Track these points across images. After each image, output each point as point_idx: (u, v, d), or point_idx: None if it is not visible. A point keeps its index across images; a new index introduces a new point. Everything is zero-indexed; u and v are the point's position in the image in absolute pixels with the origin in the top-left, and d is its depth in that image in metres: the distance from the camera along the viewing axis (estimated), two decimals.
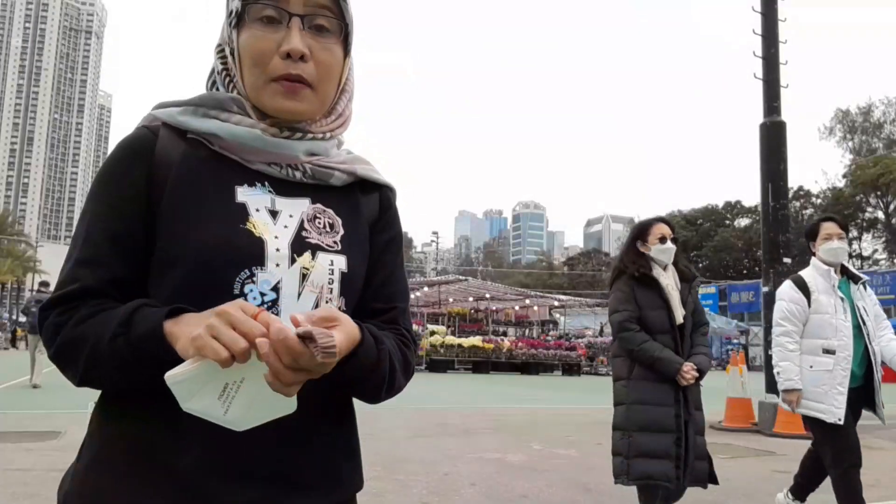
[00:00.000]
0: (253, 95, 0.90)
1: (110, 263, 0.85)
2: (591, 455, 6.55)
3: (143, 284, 0.87)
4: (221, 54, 0.94)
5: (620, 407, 3.35)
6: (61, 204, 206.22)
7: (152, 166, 0.88)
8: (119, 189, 0.88)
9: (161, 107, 0.94)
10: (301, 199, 0.92)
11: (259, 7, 0.87)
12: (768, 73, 10.03)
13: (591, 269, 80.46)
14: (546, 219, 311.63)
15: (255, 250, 0.85)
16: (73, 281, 0.84)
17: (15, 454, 5.59)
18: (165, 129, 0.91)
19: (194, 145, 0.90)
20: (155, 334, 0.76)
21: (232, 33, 0.91)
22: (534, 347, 24.00)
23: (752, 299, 43.21)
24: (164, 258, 0.85)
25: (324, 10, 0.89)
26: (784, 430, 8.41)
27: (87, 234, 0.87)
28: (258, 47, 0.87)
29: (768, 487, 5.35)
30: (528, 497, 4.73)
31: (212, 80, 0.96)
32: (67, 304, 0.83)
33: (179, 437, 0.81)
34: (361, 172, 0.99)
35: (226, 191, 0.88)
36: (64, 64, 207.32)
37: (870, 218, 53.47)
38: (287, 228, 0.89)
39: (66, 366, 0.84)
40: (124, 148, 0.90)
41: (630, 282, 3.32)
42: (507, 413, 10.52)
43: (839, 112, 57.20)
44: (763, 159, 9.94)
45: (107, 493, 0.83)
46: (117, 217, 0.87)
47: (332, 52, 0.91)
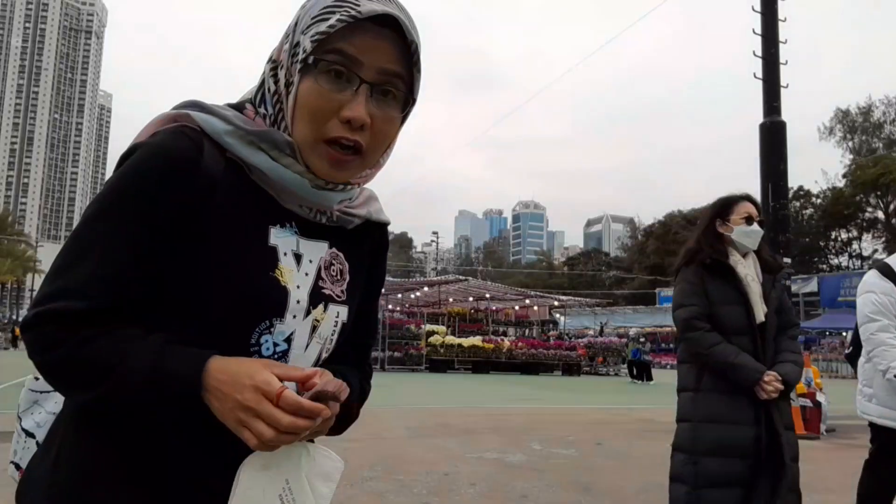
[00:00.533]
0: (302, 146, 0.85)
1: (128, 288, 0.78)
2: (591, 455, 6.55)
3: (146, 314, 0.80)
4: (275, 75, 0.87)
5: (685, 424, 2.76)
6: (61, 204, 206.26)
7: (195, 186, 0.80)
8: (154, 204, 0.79)
9: (202, 110, 0.85)
10: (321, 243, 0.91)
11: (330, 61, 0.82)
12: (768, 73, 10.03)
13: (591, 269, 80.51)
14: (546, 219, 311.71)
15: (279, 301, 0.84)
16: (82, 296, 0.76)
17: None
18: (206, 140, 0.83)
19: (234, 169, 0.84)
20: (189, 386, 0.75)
21: (294, 70, 0.84)
22: (534, 347, 23.99)
23: None
24: (185, 287, 0.80)
25: (395, 78, 0.84)
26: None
27: (108, 247, 0.78)
28: (320, 104, 0.82)
29: None
30: (528, 497, 4.73)
31: (260, 93, 0.89)
32: (66, 321, 0.76)
33: (166, 451, 0.81)
34: (375, 217, 0.99)
35: (261, 230, 0.85)
36: (64, 64, 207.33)
37: (870, 218, 53.48)
38: (307, 276, 0.88)
39: (58, 381, 0.80)
40: (167, 160, 0.80)
41: (700, 271, 2.75)
42: (507, 413, 10.53)
43: (839, 112, 57.22)
44: (763, 159, 9.95)
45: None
46: (146, 238, 0.79)
47: (392, 122, 0.87)
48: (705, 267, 2.74)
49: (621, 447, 7.14)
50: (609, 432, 8.41)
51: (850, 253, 55.97)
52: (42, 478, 0.84)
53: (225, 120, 0.85)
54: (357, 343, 1.00)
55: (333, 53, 0.81)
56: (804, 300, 41.56)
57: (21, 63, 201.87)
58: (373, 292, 1.04)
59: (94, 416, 0.81)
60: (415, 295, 30.26)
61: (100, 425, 0.81)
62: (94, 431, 0.81)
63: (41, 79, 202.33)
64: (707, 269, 2.74)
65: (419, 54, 0.86)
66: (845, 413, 11.51)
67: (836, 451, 7.53)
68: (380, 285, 1.06)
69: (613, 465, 6.11)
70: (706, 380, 2.69)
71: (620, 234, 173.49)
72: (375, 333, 1.06)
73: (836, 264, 55.64)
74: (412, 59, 0.85)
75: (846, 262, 55.42)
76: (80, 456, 0.81)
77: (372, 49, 0.82)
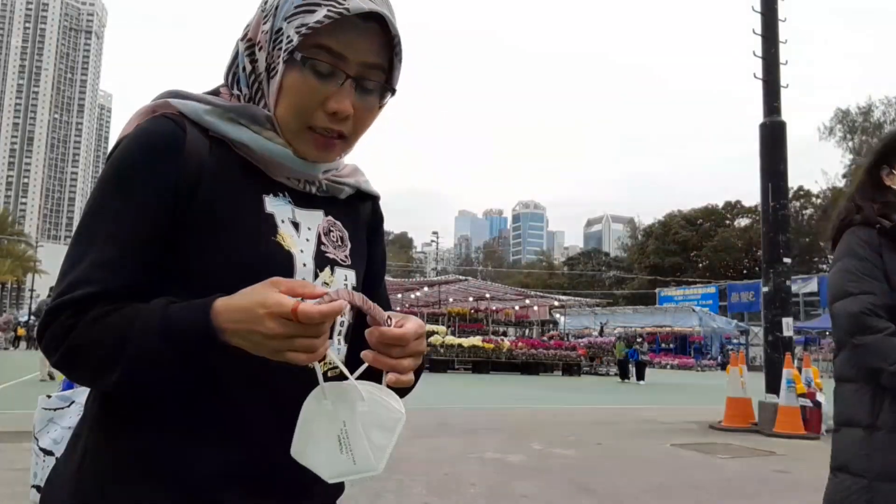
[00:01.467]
0: (285, 132, 0.88)
1: (133, 268, 0.80)
2: (591, 455, 6.55)
3: (156, 286, 0.81)
4: (251, 54, 0.89)
5: (852, 480, 1.81)
6: (61, 204, 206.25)
7: (182, 165, 0.82)
8: (146, 187, 0.81)
9: (179, 97, 0.88)
10: (316, 212, 0.93)
11: (316, 57, 0.84)
12: (768, 73, 10.03)
13: (591, 269, 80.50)
14: (546, 219, 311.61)
15: (285, 265, 0.85)
16: (89, 283, 0.77)
17: (15, 454, 5.59)
18: (189, 123, 0.85)
19: (219, 146, 0.87)
20: (202, 331, 0.73)
21: (276, 58, 0.86)
22: (534, 347, 23.97)
23: (752, 299, 43.23)
24: (193, 265, 0.82)
25: (376, 69, 0.87)
26: (784, 430, 8.42)
27: (108, 233, 0.80)
28: (307, 98, 0.85)
29: (768, 487, 5.36)
30: (528, 497, 4.73)
31: (232, 71, 0.92)
32: (80, 305, 0.77)
33: (194, 449, 0.80)
34: (364, 187, 1.01)
35: (255, 200, 0.87)
36: (64, 64, 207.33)
37: None
38: (309, 242, 0.90)
39: (78, 368, 0.79)
40: (151, 140, 0.83)
41: (874, 239, 1.84)
42: (507, 413, 10.53)
43: (839, 112, 57.23)
44: (763, 159, 9.95)
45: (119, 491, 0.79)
46: (144, 218, 0.81)
47: (373, 109, 0.90)
48: (885, 234, 1.82)
49: (621, 447, 7.14)
50: (609, 432, 8.41)
51: None
52: (65, 484, 0.83)
53: (203, 101, 0.87)
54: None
55: (320, 49, 0.84)
56: (804, 300, 41.59)
57: (21, 63, 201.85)
58: (378, 272, 1.05)
59: (118, 415, 0.82)
60: (415, 295, 30.25)
61: (124, 425, 0.81)
62: (119, 432, 0.81)
63: (41, 79, 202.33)
64: (887, 236, 1.82)
65: (399, 49, 0.88)
66: None
67: None
68: (383, 264, 1.08)
69: (613, 465, 6.11)
70: (889, 411, 1.76)
71: (620, 234, 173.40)
72: (388, 306, 1.04)
73: None
74: (394, 50, 0.88)
75: None
76: (106, 457, 0.81)
77: (357, 45, 0.85)
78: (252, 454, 0.81)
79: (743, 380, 9.50)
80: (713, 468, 6.15)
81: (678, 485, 5.34)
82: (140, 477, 0.79)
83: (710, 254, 62.03)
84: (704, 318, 38.88)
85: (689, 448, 7.20)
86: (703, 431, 8.81)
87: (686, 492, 5.10)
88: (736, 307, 46.14)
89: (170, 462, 0.80)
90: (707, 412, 10.58)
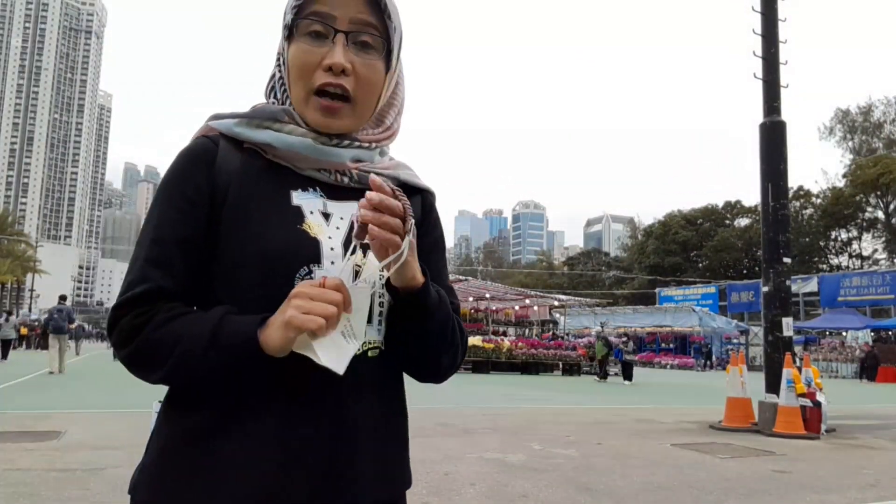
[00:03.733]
0: (298, 107, 0.96)
1: (179, 264, 0.91)
2: (591, 455, 6.55)
3: (203, 284, 0.92)
4: (278, 63, 1.00)
5: None
6: (61, 204, 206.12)
7: (215, 174, 0.94)
8: (185, 194, 0.92)
9: (217, 118, 0.99)
10: (349, 203, 0.97)
11: (308, 22, 0.93)
12: (768, 73, 10.03)
13: (591, 269, 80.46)
14: (546, 219, 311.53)
15: (311, 249, 0.91)
16: (144, 280, 0.88)
17: (15, 454, 5.59)
18: (224, 139, 0.97)
19: (251, 154, 0.96)
20: (249, 345, 0.83)
21: (284, 45, 0.97)
22: (534, 347, 23.97)
23: (752, 299, 43.22)
24: (228, 259, 0.91)
25: (368, 27, 0.94)
26: (784, 430, 8.42)
27: (155, 236, 0.91)
28: (303, 59, 0.93)
29: (768, 487, 5.36)
30: (528, 497, 4.73)
31: (270, 85, 1.02)
32: (142, 305, 0.87)
33: (240, 431, 0.87)
34: (404, 177, 1.05)
35: (282, 196, 0.94)
36: (64, 64, 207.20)
37: (870, 218, 53.48)
38: (339, 230, 0.95)
39: (144, 367, 0.88)
40: (188, 155, 0.95)
41: None
42: (507, 413, 10.52)
43: (839, 112, 57.25)
44: (763, 159, 9.95)
45: (170, 485, 0.88)
46: (184, 221, 0.92)
47: (374, 67, 0.95)
48: None
49: (621, 447, 7.14)
50: (609, 432, 8.41)
51: (850, 253, 55.96)
52: (140, 465, 0.94)
53: (233, 116, 0.98)
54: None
55: (309, 13, 0.93)
56: (804, 300, 41.59)
57: (21, 63, 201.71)
58: (435, 256, 1.07)
59: (173, 404, 0.93)
60: None
61: (179, 414, 0.91)
62: (174, 420, 0.91)
63: (41, 79, 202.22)
64: None
65: (387, 3, 0.95)
66: (845, 413, 11.51)
67: (836, 451, 7.53)
68: (440, 249, 1.10)
69: (613, 465, 6.11)
70: None
71: (620, 234, 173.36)
72: (453, 295, 1.06)
73: (836, 264, 55.63)
74: (381, 8, 0.95)
75: (846, 261, 55.41)
76: (161, 441, 0.91)
77: (343, 3, 0.93)
78: (291, 436, 0.87)
79: (743, 380, 9.50)
80: (713, 468, 6.14)
81: (678, 485, 5.34)
82: (187, 457, 0.88)
83: (710, 254, 62.00)
84: (704, 318, 38.86)
85: (689, 448, 7.20)
86: (703, 431, 8.81)
87: (686, 492, 5.10)
88: (736, 307, 46.12)
89: (215, 443, 0.87)
90: (707, 412, 10.58)
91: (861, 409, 13.40)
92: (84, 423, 7.59)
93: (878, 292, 38.46)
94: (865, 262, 52.85)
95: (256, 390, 0.87)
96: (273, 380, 0.86)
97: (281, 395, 0.87)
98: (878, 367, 28.23)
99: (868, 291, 38.88)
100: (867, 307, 38.82)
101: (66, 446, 6.06)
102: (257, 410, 0.87)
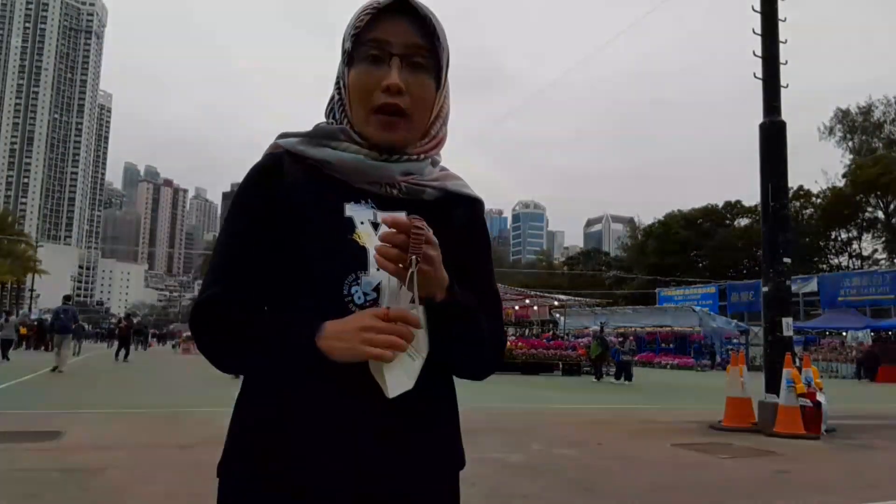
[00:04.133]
0: (359, 126, 1.06)
1: (248, 267, 1.03)
2: (591, 455, 6.55)
3: (271, 285, 1.03)
4: (338, 86, 1.11)
5: None
6: (61, 204, 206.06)
7: (279, 186, 1.05)
8: (252, 205, 1.05)
9: (283, 137, 1.11)
10: (398, 213, 1.04)
11: (366, 48, 1.04)
12: (768, 73, 10.03)
13: (591, 269, 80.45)
14: (546, 219, 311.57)
15: (359, 257, 1.01)
16: (218, 282, 1.02)
17: (15, 454, 5.59)
18: (288, 156, 1.08)
19: (311, 170, 1.07)
20: (309, 351, 0.93)
21: (344, 70, 1.08)
22: (534, 347, 23.97)
23: (752, 299, 43.18)
24: (287, 263, 1.02)
25: (420, 50, 1.05)
26: (784, 430, 8.42)
27: (228, 243, 1.04)
28: (364, 81, 1.04)
29: (768, 487, 5.36)
30: (528, 497, 4.73)
31: (330, 107, 1.13)
32: (216, 304, 1.00)
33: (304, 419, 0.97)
34: (451, 188, 1.14)
35: (336, 208, 1.05)
36: (64, 64, 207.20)
37: (870, 218, 53.45)
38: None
39: (217, 357, 1.01)
40: (258, 171, 1.08)
41: None
42: (507, 413, 10.53)
43: (839, 112, 57.20)
44: (763, 159, 9.94)
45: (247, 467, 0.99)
46: (252, 229, 1.04)
47: (426, 86, 1.06)
48: None
49: (621, 447, 7.14)
50: (609, 432, 8.41)
51: (850, 253, 55.93)
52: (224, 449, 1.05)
53: (298, 136, 1.10)
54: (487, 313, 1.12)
55: (367, 41, 1.04)
56: (804, 300, 41.57)
57: (21, 63, 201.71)
58: (482, 264, 1.16)
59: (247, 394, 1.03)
60: None
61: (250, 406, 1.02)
62: (246, 412, 1.03)
63: (41, 79, 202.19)
64: None
65: (435, 27, 1.06)
66: (845, 413, 11.50)
67: (836, 451, 7.53)
68: (488, 257, 1.19)
69: (613, 465, 6.11)
70: None
71: (620, 234, 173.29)
72: (498, 301, 1.16)
73: (836, 264, 55.60)
74: (431, 32, 1.06)
75: (846, 262, 55.38)
76: (235, 425, 1.03)
77: (395, 30, 1.04)
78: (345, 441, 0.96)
79: (743, 380, 9.50)
80: (713, 468, 6.15)
81: (678, 485, 5.34)
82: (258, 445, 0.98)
83: (710, 254, 61.96)
84: (704, 318, 38.83)
85: (689, 448, 7.20)
86: (703, 431, 8.81)
87: (686, 492, 5.10)
88: (736, 307, 46.09)
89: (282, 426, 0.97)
90: (707, 412, 10.59)
91: (861, 409, 13.41)
92: (84, 423, 7.59)
93: (878, 292, 38.45)
94: (865, 262, 52.81)
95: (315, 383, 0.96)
96: (325, 372, 0.94)
97: (332, 386, 0.96)
98: (878, 367, 28.24)
99: (868, 291, 38.88)
100: (867, 307, 38.80)
101: (66, 446, 6.06)
102: (316, 400, 0.96)
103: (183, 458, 5.69)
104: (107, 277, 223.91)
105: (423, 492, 1.02)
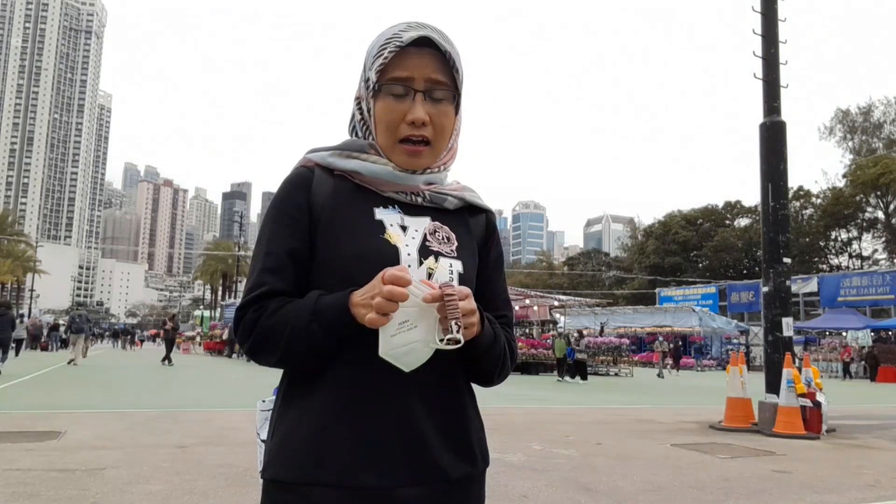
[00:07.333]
0: (385, 151, 1.16)
1: (288, 269, 1.12)
2: (591, 455, 6.55)
3: (307, 283, 1.12)
4: (359, 107, 1.21)
5: None
6: (61, 204, 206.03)
7: (312, 195, 1.15)
8: (289, 213, 1.14)
9: (314, 151, 1.22)
10: (423, 218, 1.18)
11: (391, 86, 1.13)
12: (768, 73, 10.03)
13: (591, 269, 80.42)
14: (546, 219, 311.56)
15: (391, 255, 1.10)
16: (261, 285, 1.10)
17: (15, 454, 5.59)
18: (318, 168, 1.18)
19: (341, 180, 1.17)
20: (343, 309, 1.02)
21: (369, 98, 1.17)
22: (534, 347, 23.98)
23: (752, 299, 43.17)
24: (325, 263, 1.12)
25: (441, 84, 1.14)
26: (784, 430, 8.42)
27: (268, 249, 1.13)
28: (390, 116, 1.14)
29: (768, 487, 5.36)
30: (528, 497, 4.73)
31: (352, 125, 1.24)
32: (258, 302, 1.08)
33: (354, 416, 1.05)
34: (469, 199, 1.24)
35: (367, 212, 1.15)
36: (64, 64, 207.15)
37: (870, 218, 53.42)
38: (414, 239, 1.14)
39: (263, 352, 1.08)
40: (290, 183, 1.17)
41: None
42: (506, 413, 10.53)
43: (839, 112, 57.20)
44: (763, 159, 9.94)
45: (298, 462, 1.04)
46: (290, 234, 1.13)
47: (447, 115, 1.16)
48: None
49: (621, 447, 7.14)
50: (609, 432, 8.41)
51: (850, 253, 55.90)
52: (267, 448, 1.11)
53: (328, 149, 1.20)
54: (497, 317, 1.22)
55: (392, 78, 1.13)
56: (804, 300, 41.52)
57: (21, 63, 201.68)
58: (497, 271, 1.27)
59: (294, 392, 1.10)
60: None
61: (293, 404, 1.09)
62: (290, 409, 1.09)
63: (41, 79, 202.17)
64: None
65: (454, 61, 1.15)
66: (845, 413, 11.51)
67: (836, 451, 7.53)
68: (501, 265, 1.30)
69: (613, 465, 6.11)
70: None
71: (620, 234, 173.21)
72: (511, 309, 1.28)
73: (836, 264, 55.58)
74: (451, 65, 1.15)
75: (846, 262, 55.36)
76: (282, 427, 1.09)
77: (418, 66, 1.13)
78: (385, 425, 1.05)
79: (743, 380, 9.50)
80: (713, 468, 6.14)
81: (678, 485, 5.34)
82: (304, 440, 1.05)
83: (710, 254, 61.93)
84: (704, 318, 38.83)
85: (689, 448, 7.20)
86: (703, 431, 8.81)
87: (686, 492, 5.10)
88: (736, 307, 46.07)
89: (325, 424, 1.05)
90: (707, 412, 10.58)
91: (861, 409, 13.40)
92: (84, 423, 7.59)
93: (878, 292, 38.41)
94: (865, 262, 52.80)
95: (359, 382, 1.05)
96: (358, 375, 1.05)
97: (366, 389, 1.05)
98: (878, 367, 28.24)
99: (868, 291, 38.85)
100: (867, 307, 38.78)
101: (66, 446, 6.06)
102: (362, 400, 1.05)
103: (183, 458, 5.69)
104: (107, 277, 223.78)
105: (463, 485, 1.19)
